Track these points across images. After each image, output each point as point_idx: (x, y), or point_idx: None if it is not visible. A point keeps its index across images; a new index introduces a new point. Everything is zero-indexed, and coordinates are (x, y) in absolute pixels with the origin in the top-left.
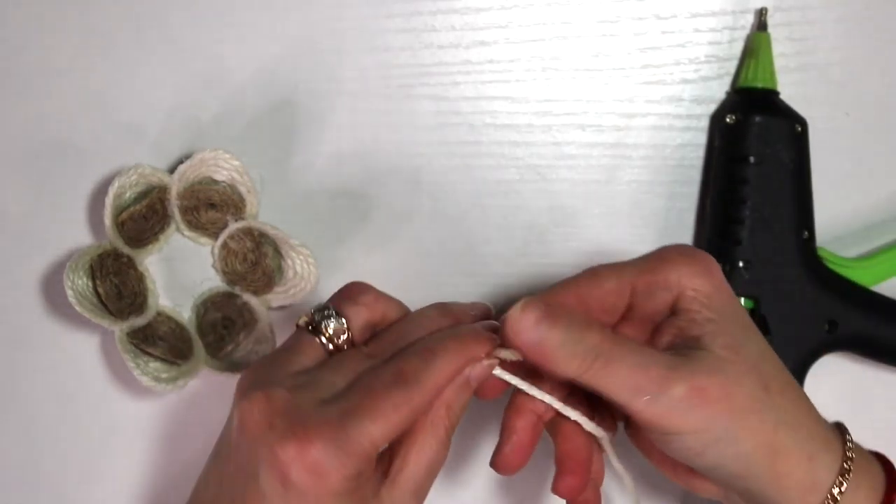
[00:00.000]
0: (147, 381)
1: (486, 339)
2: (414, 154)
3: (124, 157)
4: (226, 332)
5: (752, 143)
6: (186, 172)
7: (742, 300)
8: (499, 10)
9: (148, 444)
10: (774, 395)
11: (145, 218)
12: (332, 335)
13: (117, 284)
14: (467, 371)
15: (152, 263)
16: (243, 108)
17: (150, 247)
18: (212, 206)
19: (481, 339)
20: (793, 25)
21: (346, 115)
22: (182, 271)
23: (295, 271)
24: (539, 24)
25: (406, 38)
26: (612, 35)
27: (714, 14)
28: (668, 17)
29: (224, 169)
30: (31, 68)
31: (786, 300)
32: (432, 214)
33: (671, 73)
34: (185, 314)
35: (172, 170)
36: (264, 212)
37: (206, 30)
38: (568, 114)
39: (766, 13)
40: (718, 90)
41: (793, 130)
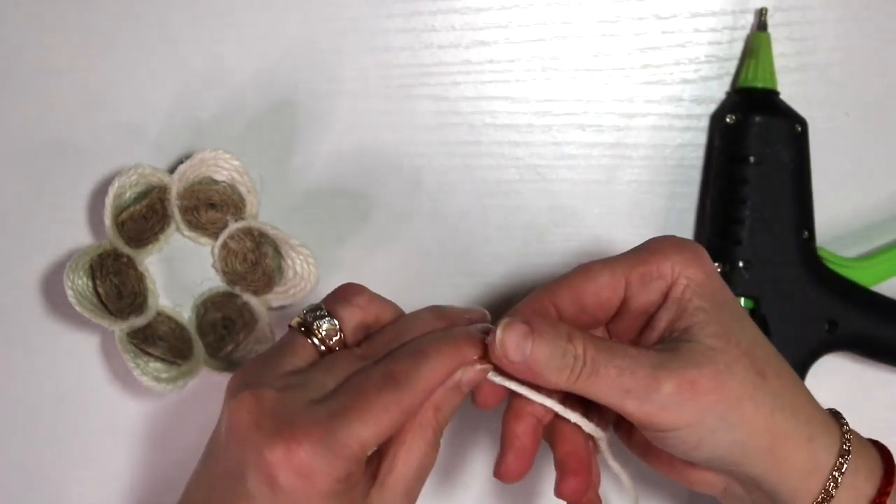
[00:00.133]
0: (147, 381)
1: (478, 342)
2: (414, 154)
3: (124, 157)
4: (226, 332)
5: (752, 143)
6: (186, 172)
7: (742, 300)
8: (499, 10)
9: (148, 444)
10: (770, 380)
11: (145, 218)
12: (325, 336)
13: (117, 284)
14: (458, 374)
15: (152, 263)
16: (243, 108)
17: (150, 247)
18: (212, 206)
19: (474, 341)
20: (793, 25)
21: (346, 115)
22: (182, 271)
23: (295, 271)
24: (539, 24)
25: (406, 38)
26: (612, 35)
27: (714, 14)
28: (668, 17)
29: (224, 169)
30: (31, 68)
31: (786, 300)
32: (432, 214)
33: (671, 73)
34: (185, 314)
35: (172, 170)
36: (264, 212)
37: (206, 30)
38: (568, 114)
39: (766, 13)
40: (718, 90)
41: (793, 130)
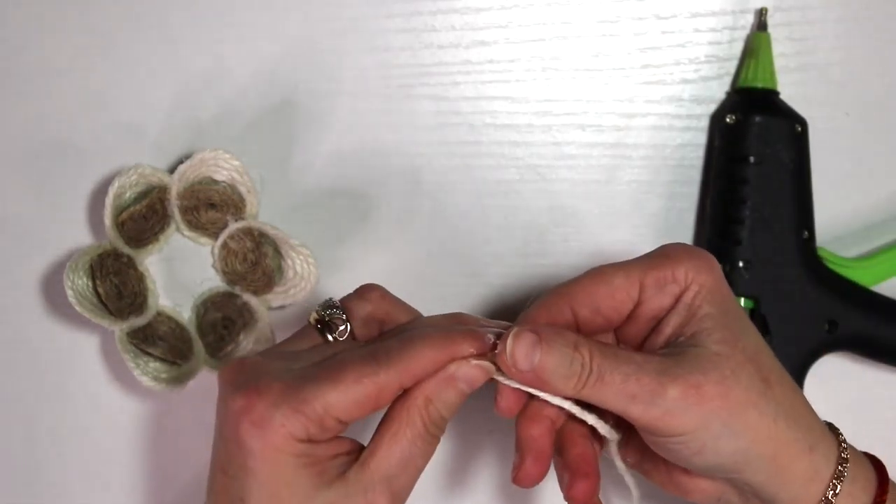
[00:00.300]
0: (147, 381)
1: (478, 340)
2: (414, 154)
3: (124, 157)
4: (226, 332)
5: (752, 143)
6: (186, 172)
7: (742, 300)
8: (499, 10)
9: (148, 444)
10: (774, 388)
11: (145, 218)
12: (329, 321)
13: (117, 284)
14: (453, 368)
15: (152, 263)
16: (243, 108)
17: (150, 247)
18: (212, 206)
19: (471, 337)
20: (793, 25)
21: (346, 115)
22: (182, 271)
23: (295, 271)
24: (539, 24)
25: (406, 38)
26: (612, 35)
27: (714, 14)
28: (668, 17)
29: (224, 169)
30: (31, 68)
31: (786, 300)
32: (432, 214)
33: (671, 73)
34: (185, 314)
35: (172, 170)
36: (264, 212)
37: (206, 30)
38: (568, 114)
39: (766, 13)
40: (718, 90)
41: (793, 130)
